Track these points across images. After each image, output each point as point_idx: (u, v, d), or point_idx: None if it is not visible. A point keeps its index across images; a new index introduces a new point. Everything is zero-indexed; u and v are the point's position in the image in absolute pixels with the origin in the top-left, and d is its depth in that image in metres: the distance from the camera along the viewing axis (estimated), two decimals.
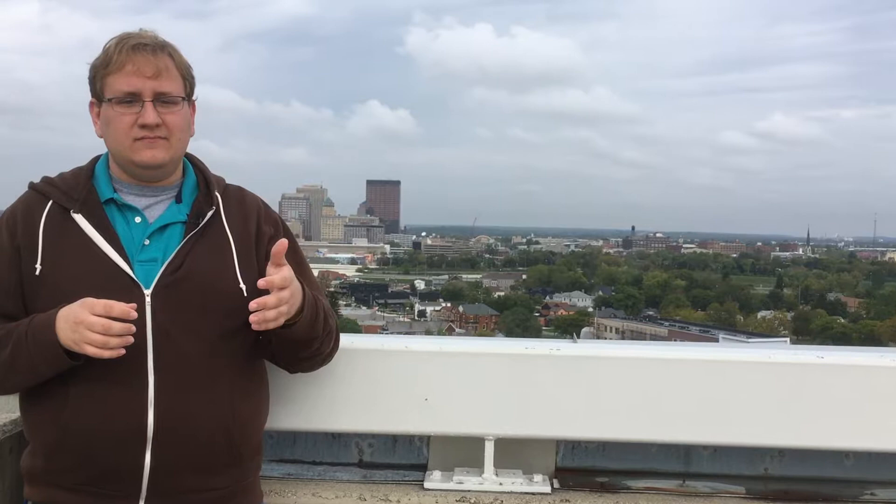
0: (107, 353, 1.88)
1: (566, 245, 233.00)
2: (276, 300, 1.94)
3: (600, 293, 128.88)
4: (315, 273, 2.39)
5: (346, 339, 2.54)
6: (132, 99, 2.03)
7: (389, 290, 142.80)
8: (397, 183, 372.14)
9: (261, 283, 1.95)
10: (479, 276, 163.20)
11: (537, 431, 2.65)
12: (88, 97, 2.12)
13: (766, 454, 2.76)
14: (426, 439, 2.78)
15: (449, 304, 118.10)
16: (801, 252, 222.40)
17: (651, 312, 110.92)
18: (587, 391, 2.60)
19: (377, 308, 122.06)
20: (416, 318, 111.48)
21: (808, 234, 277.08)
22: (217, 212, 2.15)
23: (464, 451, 2.70)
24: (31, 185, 2.14)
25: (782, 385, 2.58)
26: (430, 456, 2.79)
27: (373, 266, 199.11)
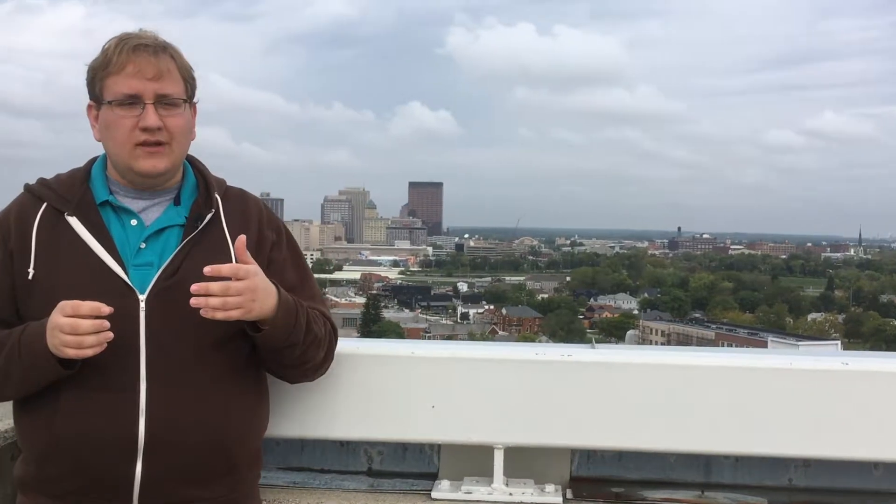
0: (86, 353, 1.83)
1: (611, 247, 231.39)
2: (222, 288, 1.85)
3: (646, 295, 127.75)
4: (357, 276, 2.32)
5: (351, 345, 2.49)
6: (133, 101, 1.98)
7: (432, 293, 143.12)
8: (439, 184, 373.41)
9: (207, 269, 1.86)
10: (522, 278, 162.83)
11: (549, 440, 2.56)
12: None
13: (790, 464, 2.65)
14: (437, 447, 2.72)
15: (492, 307, 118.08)
16: (852, 253, 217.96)
17: (698, 315, 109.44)
18: (602, 398, 2.51)
19: (420, 310, 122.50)
20: (459, 320, 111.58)
21: (860, 235, 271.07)
22: (216, 214, 2.10)
23: (475, 460, 2.62)
24: (27, 187, 2.11)
25: (806, 393, 2.47)
26: (440, 465, 2.72)
27: (415, 268, 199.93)
